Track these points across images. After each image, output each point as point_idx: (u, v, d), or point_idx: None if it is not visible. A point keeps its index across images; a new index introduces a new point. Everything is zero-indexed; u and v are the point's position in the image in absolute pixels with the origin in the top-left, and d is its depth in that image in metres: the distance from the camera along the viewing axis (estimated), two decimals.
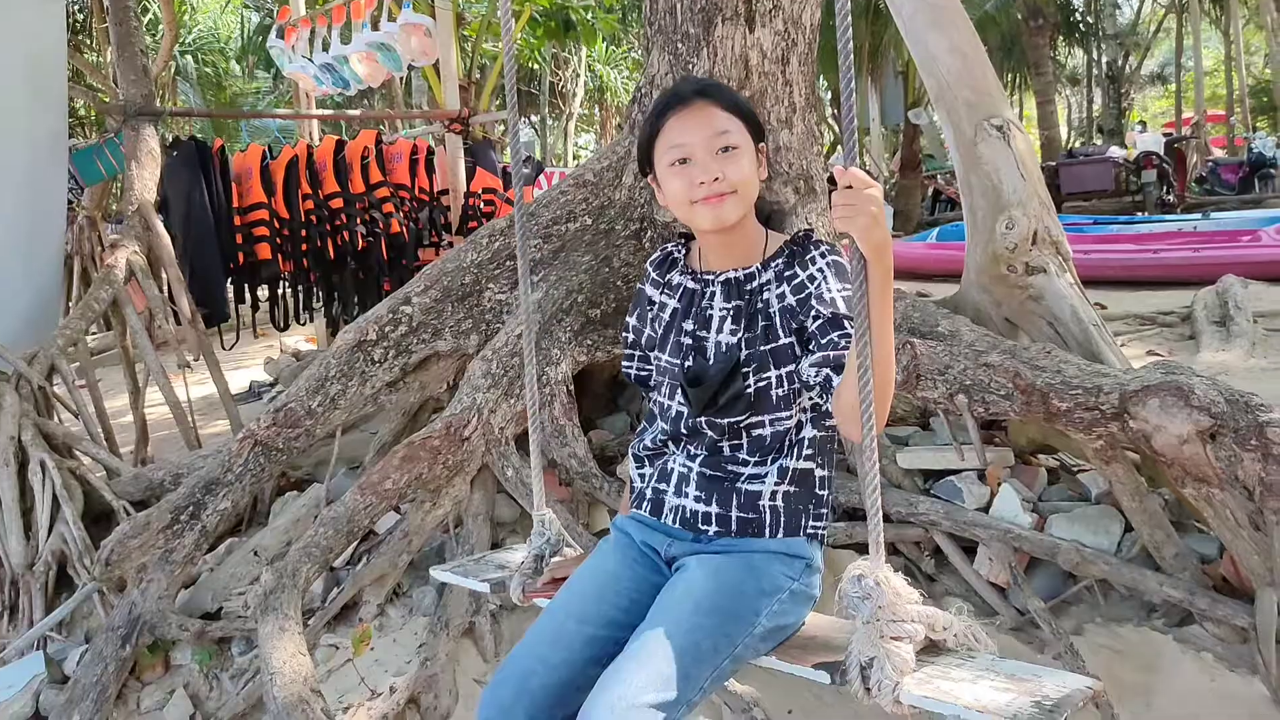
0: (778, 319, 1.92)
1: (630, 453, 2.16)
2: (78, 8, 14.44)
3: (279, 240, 6.27)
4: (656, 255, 2.17)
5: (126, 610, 3.47)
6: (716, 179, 1.85)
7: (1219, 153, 21.89)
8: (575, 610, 1.89)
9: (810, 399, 1.94)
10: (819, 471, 1.97)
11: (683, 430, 2.00)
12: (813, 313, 1.86)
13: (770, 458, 1.95)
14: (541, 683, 1.78)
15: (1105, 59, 26.82)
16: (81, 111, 15.97)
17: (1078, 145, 24.25)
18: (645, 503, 2.05)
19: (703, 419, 1.95)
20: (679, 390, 1.99)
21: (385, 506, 3.54)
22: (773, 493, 1.93)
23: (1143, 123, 23.23)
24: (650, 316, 2.12)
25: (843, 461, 3.80)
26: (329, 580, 3.72)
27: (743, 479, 1.95)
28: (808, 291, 1.89)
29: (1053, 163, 15.69)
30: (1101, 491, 3.46)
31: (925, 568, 3.50)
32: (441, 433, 3.52)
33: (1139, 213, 14.25)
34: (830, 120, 19.78)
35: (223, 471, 3.68)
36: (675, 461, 2.02)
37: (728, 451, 1.97)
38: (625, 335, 2.21)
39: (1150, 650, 2.99)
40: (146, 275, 5.36)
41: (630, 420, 4.44)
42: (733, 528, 1.93)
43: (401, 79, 12.73)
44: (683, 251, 2.12)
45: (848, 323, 1.80)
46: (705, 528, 1.95)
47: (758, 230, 2.00)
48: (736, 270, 1.99)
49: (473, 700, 3.15)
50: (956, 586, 3.42)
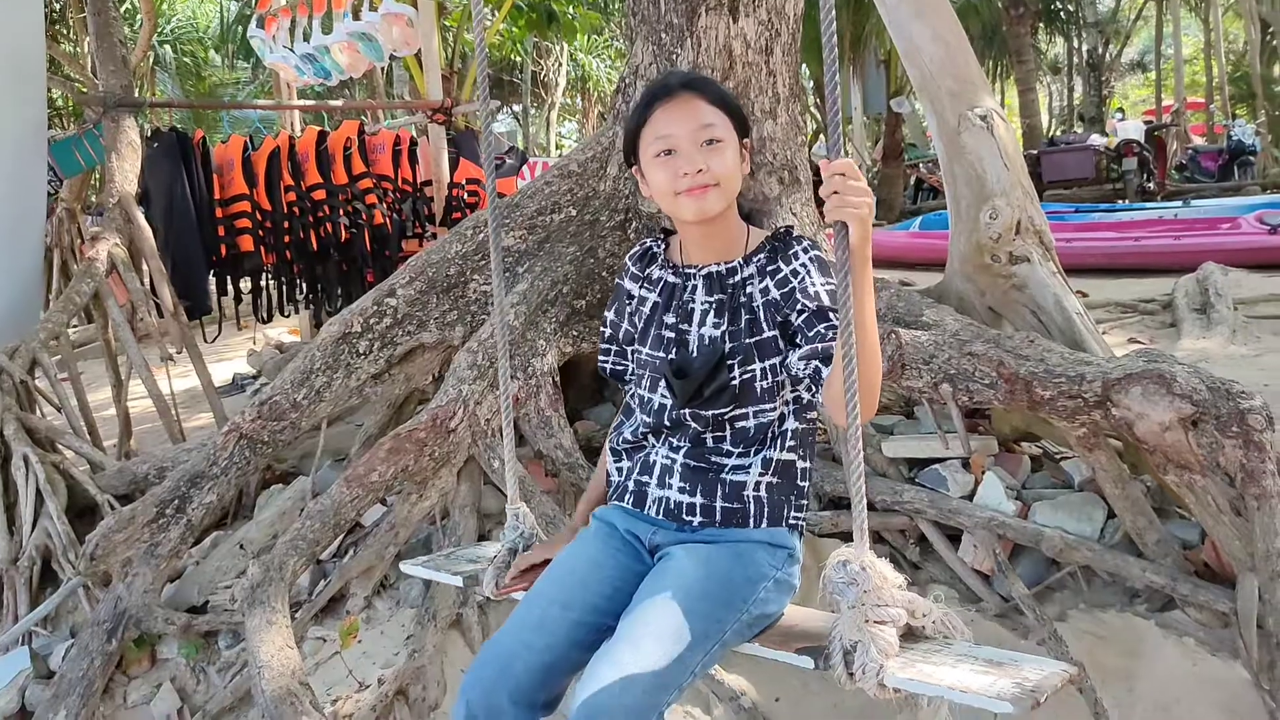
0: (761, 313, 1.93)
1: (608, 446, 2.15)
2: None
3: (261, 232, 6.24)
4: (635, 249, 2.17)
5: (112, 604, 3.46)
6: (700, 170, 1.86)
7: (1199, 140, 21.98)
8: (559, 596, 1.90)
9: (793, 391, 1.96)
10: (801, 463, 1.99)
11: (665, 423, 2.00)
12: (798, 307, 1.87)
13: (754, 449, 1.96)
14: (525, 665, 1.79)
15: (1086, 47, 26.92)
16: (59, 102, 15.80)
17: (1059, 133, 24.31)
18: (627, 495, 2.05)
19: (686, 411, 1.96)
20: (661, 383, 1.99)
21: (372, 499, 3.54)
22: (756, 483, 1.94)
23: (1121, 110, 23.27)
24: (629, 311, 2.13)
25: (827, 450, 3.82)
26: (316, 573, 3.71)
27: (727, 470, 1.96)
28: (791, 286, 1.90)
29: (1034, 151, 15.70)
30: (1084, 479, 3.49)
31: (910, 556, 3.52)
32: (427, 425, 3.51)
33: (1120, 200, 14.30)
34: (813, 110, 19.78)
35: (208, 465, 3.67)
36: (657, 454, 2.02)
37: (711, 443, 1.97)
38: (603, 330, 2.22)
39: (1133, 635, 3.02)
40: (128, 268, 5.32)
41: (616, 411, 4.44)
42: (717, 518, 1.94)
43: (383, 69, 12.68)
44: (662, 246, 2.13)
45: (833, 315, 1.82)
46: (690, 518, 1.96)
47: (739, 225, 2.01)
48: (718, 264, 2.00)
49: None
50: (941, 574, 3.45)
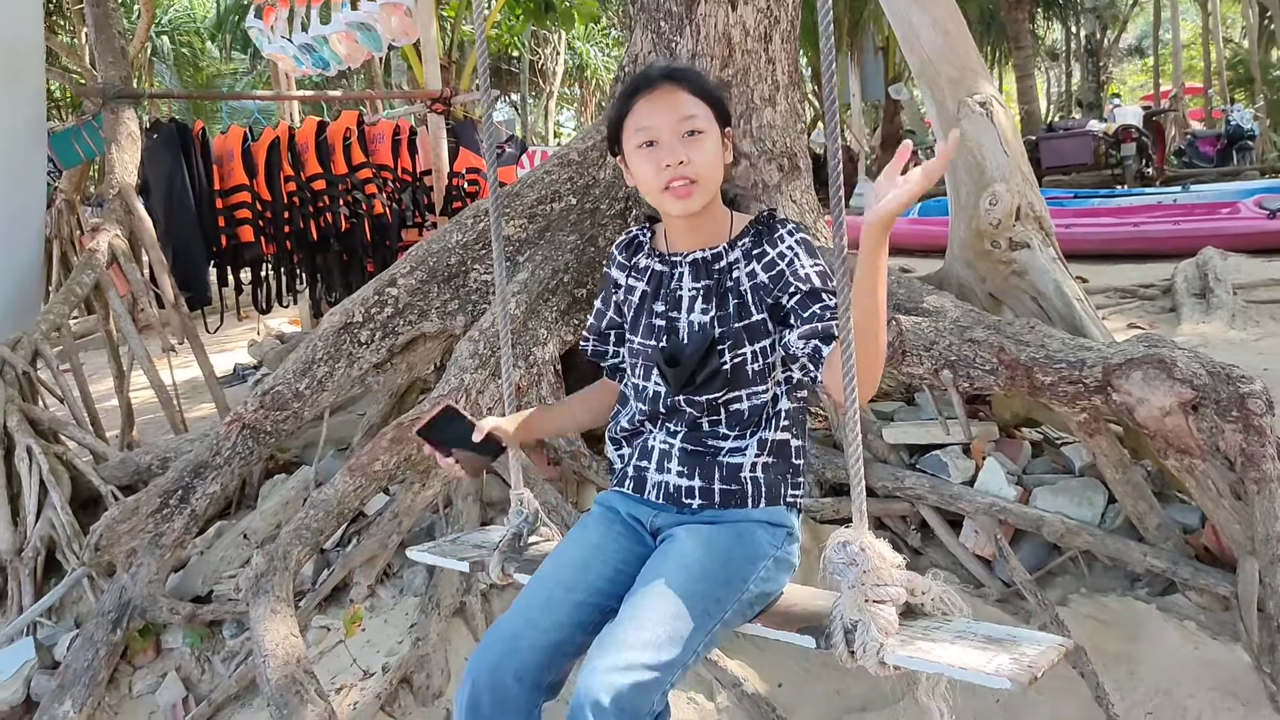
0: (749, 296, 1.95)
1: (607, 436, 2.18)
2: None
3: (261, 222, 6.23)
4: (622, 239, 2.19)
5: (116, 595, 3.47)
6: (681, 162, 1.87)
7: (1197, 125, 21.92)
8: (564, 579, 1.92)
9: (785, 372, 1.98)
10: (795, 442, 2.02)
11: (661, 409, 2.02)
12: (790, 290, 1.89)
13: (749, 431, 1.98)
14: (530, 644, 1.82)
15: (1084, 32, 26.86)
16: (57, 94, 15.77)
17: (1057, 119, 24.27)
18: (627, 480, 2.08)
19: (681, 397, 1.98)
20: (654, 371, 2.02)
21: (374, 488, 3.55)
22: (753, 464, 1.97)
23: (1118, 96, 23.21)
24: (616, 300, 2.16)
25: (829, 437, 3.84)
26: (319, 562, 3.73)
27: (723, 453, 1.98)
28: (779, 269, 1.92)
29: (1033, 137, 15.67)
30: (1085, 464, 3.50)
31: (911, 541, 3.54)
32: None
33: (1118, 186, 14.28)
34: (812, 97, 19.74)
35: (211, 455, 3.67)
36: (655, 439, 2.04)
37: (707, 427, 2.00)
38: (589, 317, 2.25)
39: (1134, 619, 3.03)
40: (129, 259, 5.32)
41: None
42: (716, 499, 1.97)
43: (381, 59, 12.65)
44: (648, 235, 2.15)
45: (826, 295, 1.85)
46: (689, 501, 1.98)
47: (723, 211, 2.03)
48: (704, 250, 2.02)
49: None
50: (943, 560, 3.46)
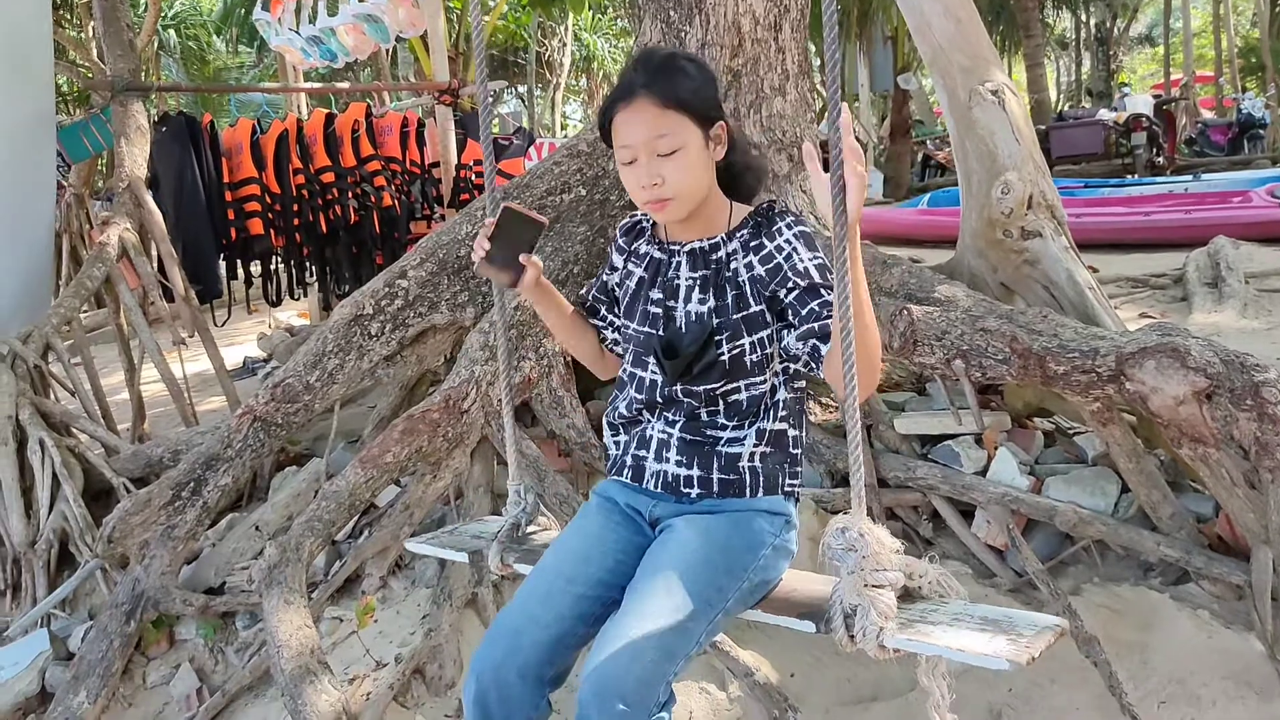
0: (747, 288, 1.94)
1: (605, 420, 2.18)
2: None
3: (270, 215, 6.25)
4: (625, 221, 2.19)
5: (130, 586, 3.48)
6: (656, 184, 1.87)
7: (1208, 114, 21.82)
8: (565, 571, 1.93)
9: (783, 363, 1.98)
10: (792, 431, 2.02)
11: (659, 399, 2.02)
12: (788, 284, 1.89)
13: (748, 421, 1.98)
14: (533, 640, 1.83)
15: (1094, 21, 26.72)
16: (64, 88, 15.79)
17: (1067, 108, 24.16)
18: (625, 470, 2.08)
19: (678, 387, 1.98)
20: (651, 360, 2.02)
21: (386, 480, 3.55)
22: (751, 454, 1.97)
23: (1125, 85, 23.09)
24: (613, 283, 2.18)
25: (839, 429, 3.83)
26: (331, 554, 3.73)
27: (722, 443, 1.98)
28: (776, 262, 1.91)
29: (1043, 126, 15.58)
30: (1098, 453, 3.49)
31: (923, 532, 3.53)
32: (440, 405, 3.52)
33: (1129, 175, 14.20)
34: (820, 87, 19.67)
35: (222, 447, 3.68)
36: (654, 428, 2.04)
37: (705, 417, 2.00)
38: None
39: (1147, 609, 3.02)
40: (139, 252, 5.33)
41: None
42: (715, 489, 1.97)
43: (388, 51, 12.65)
44: (650, 221, 2.14)
45: (825, 290, 1.84)
46: (688, 490, 1.99)
47: (719, 202, 2.01)
48: (701, 240, 2.01)
49: None
50: (955, 550, 3.45)
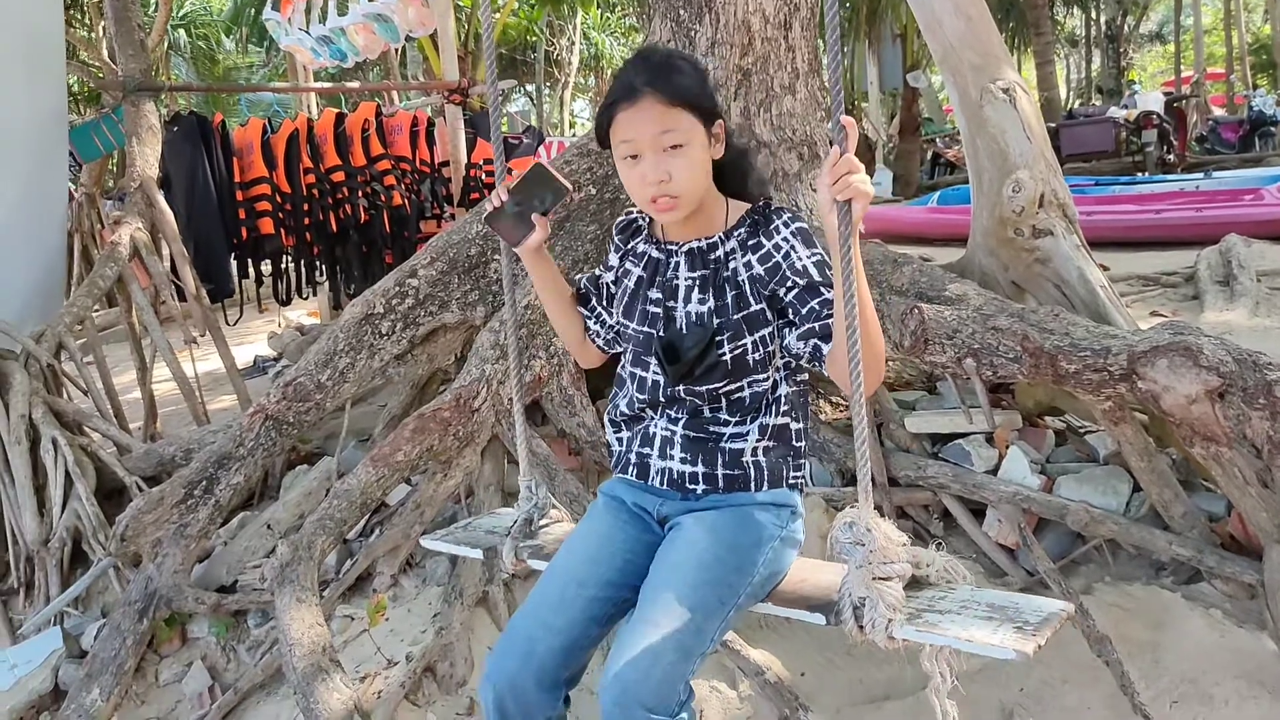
0: (747, 287, 1.94)
1: (606, 417, 2.19)
2: None
3: (281, 214, 6.25)
4: (622, 219, 2.19)
5: (143, 584, 3.50)
6: (663, 180, 1.86)
7: (1219, 111, 21.74)
8: (576, 574, 1.95)
9: (784, 358, 1.98)
10: (795, 425, 2.03)
11: (661, 398, 2.02)
12: (787, 283, 1.89)
13: (750, 417, 1.99)
14: (547, 647, 1.85)
15: (1104, 18, 26.62)
16: (75, 88, 15.85)
17: (1077, 106, 24.08)
18: (630, 467, 2.08)
19: (680, 388, 1.98)
20: (652, 360, 2.02)
21: (397, 478, 3.56)
22: (754, 449, 1.98)
23: (1135, 82, 22.97)
24: (609, 279, 2.18)
25: (849, 426, 3.82)
26: (342, 552, 3.74)
27: (725, 439, 1.99)
28: (775, 261, 1.91)
29: (1053, 124, 15.52)
30: (1110, 452, 3.48)
31: (934, 530, 3.53)
32: (451, 404, 3.53)
33: (1140, 173, 14.15)
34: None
35: (234, 446, 3.69)
36: (657, 426, 2.05)
37: (708, 413, 2.00)
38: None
39: (1159, 608, 3.02)
40: (150, 252, 5.35)
41: None
42: (720, 485, 1.98)
43: (397, 50, 12.67)
44: (647, 219, 2.13)
45: (824, 289, 1.84)
46: (693, 487, 1.99)
47: (717, 201, 2.01)
48: (699, 240, 2.01)
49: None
50: (965, 549, 3.45)
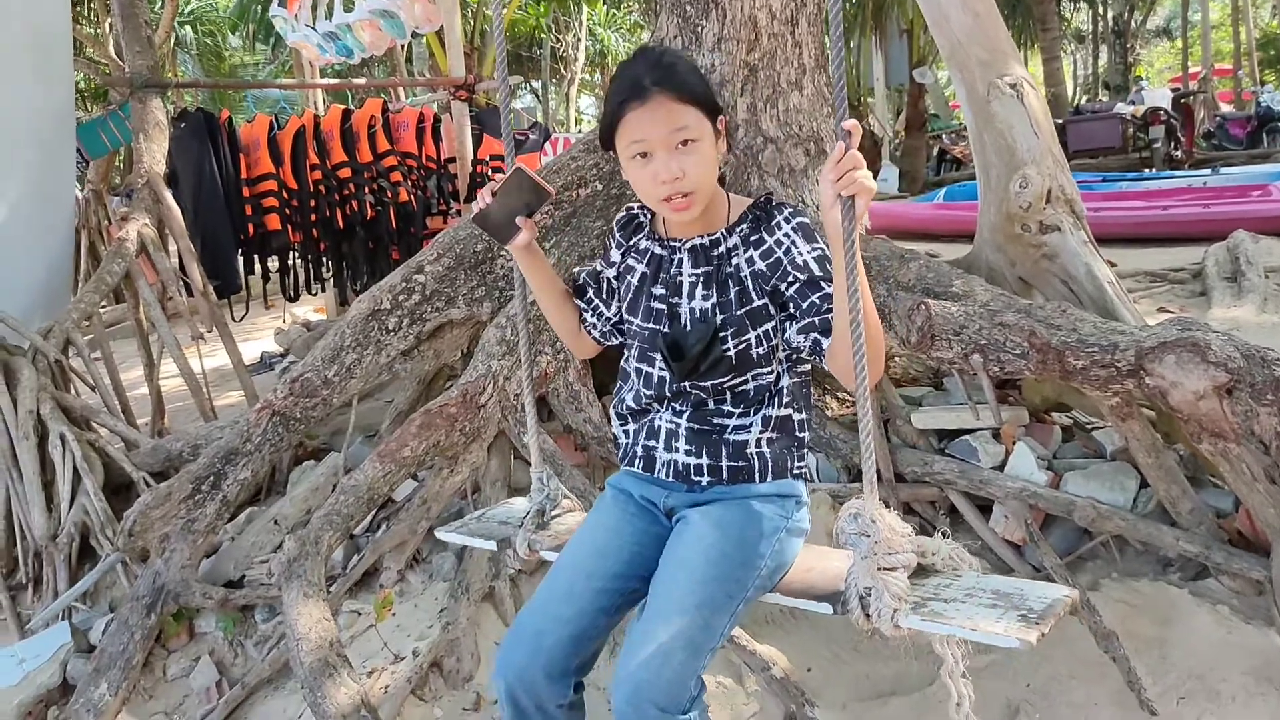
0: (749, 283, 1.96)
1: (612, 411, 2.21)
2: None
3: (288, 211, 6.27)
4: (621, 215, 2.19)
5: (150, 580, 3.51)
6: (677, 178, 1.86)
7: (1227, 107, 21.66)
8: (583, 567, 1.98)
9: (786, 350, 2.00)
10: (797, 416, 2.05)
11: (667, 393, 2.04)
12: (788, 278, 1.90)
13: (753, 409, 2.01)
14: (555, 639, 1.88)
15: (1111, 14, 26.54)
16: (81, 84, 15.86)
17: (1084, 102, 24.01)
18: (636, 460, 2.11)
19: (686, 383, 2.00)
20: (658, 357, 2.03)
21: (404, 474, 3.56)
22: (758, 440, 2.00)
23: (1142, 77, 22.90)
24: (610, 275, 2.19)
25: (854, 423, 3.82)
26: (349, 548, 3.75)
27: (729, 430, 2.01)
28: (776, 256, 1.92)
29: (1060, 120, 15.48)
30: (1117, 448, 3.47)
31: (940, 526, 3.52)
32: (458, 400, 3.53)
33: (1147, 169, 14.11)
34: None
35: (242, 442, 3.70)
36: (662, 419, 2.07)
37: (712, 405, 2.02)
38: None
39: (1166, 604, 3.01)
40: (158, 248, 5.36)
41: None
42: (724, 476, 2.01)
43: (403, 46, 12.67)
44: (648, 215, 2.14)
45: (824, 283, 1.86)
46: (698, 479, 2.02)
47: (719, 197, 2.02)
48: (702, 236, 2.02)
49: (494, 662, 3.19)
50: (972, 545, 3.44)
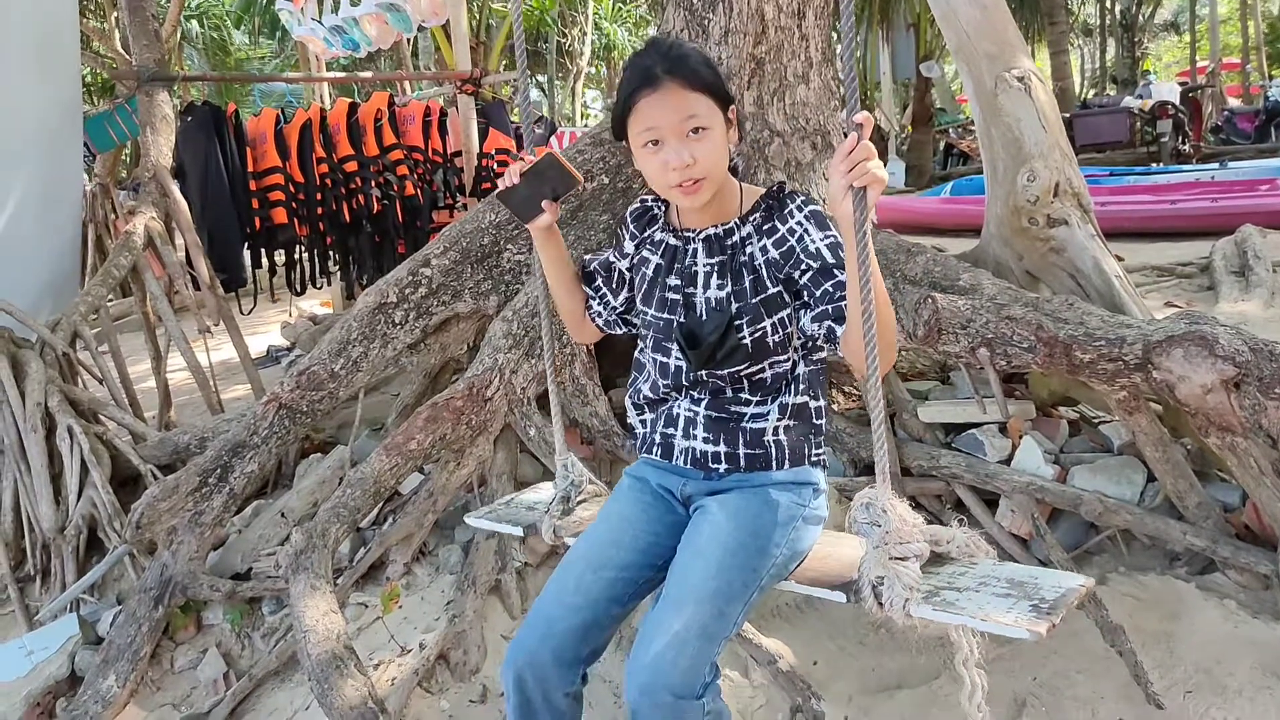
0: (764, 271, 1.97)
1: (628, 401, 2.22)
2: None
3: (294, 204, 6.27)
4: (635, 207, 2.20)
5: (158, 572, 3.52)
6: (689, 164, 1.86)
7: (1234, 101, 21.59)
8: (595, 558, 2.00)
9: (801, 338, 2.00)
10: (814, 403, 2.06)
11: (685, 382, 2.06)
12: (801, 266, 1.91)
13: (770, 397, 2.03)
14: (565, 625, 1.91)
15: (1119, 8, 26.43)
16: (88, 78, 15.89)
17: (1091, 96, 23.94)
18: (655, 448, 2.13)
19: (703, 372, 2.02)
20: (674, 347, 2.05)
21: (410, 467, 3.57)
22: (775, 428, 2.02)
23: (1147, 71, 22.81)
24: (624, 267, 2.20)
25: (863, 416, 3.82)
26: (356, 540, 3.76)
27: (746, 418, 2.03)
28: (789, 244, 1.93)
29: (1067, 114, 15.42)
30: (1124, 442, 3.47)
31: (947, 520, 3.52)
32: (464, 393, 3.54)
33: (1155, 163, 14.07)
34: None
35: (248, 434, 3.71)
36: (680, 407, 2.09)
37: (730, 394, 2.04)
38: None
39: (1173, 598, 3.01)
40: (165, 241, 5.37)
41: None
42: (741, 464, 2.02)
43: (408, 40, 12.66)
44: (662, 207, 2.16)
45: (837, 271, 1.86)
46: (716, 466, 2.04)
47: (731, 186, 2.03)
48: (716, 226, 2.04)
49: (501, 655, 3.19)
50: None
